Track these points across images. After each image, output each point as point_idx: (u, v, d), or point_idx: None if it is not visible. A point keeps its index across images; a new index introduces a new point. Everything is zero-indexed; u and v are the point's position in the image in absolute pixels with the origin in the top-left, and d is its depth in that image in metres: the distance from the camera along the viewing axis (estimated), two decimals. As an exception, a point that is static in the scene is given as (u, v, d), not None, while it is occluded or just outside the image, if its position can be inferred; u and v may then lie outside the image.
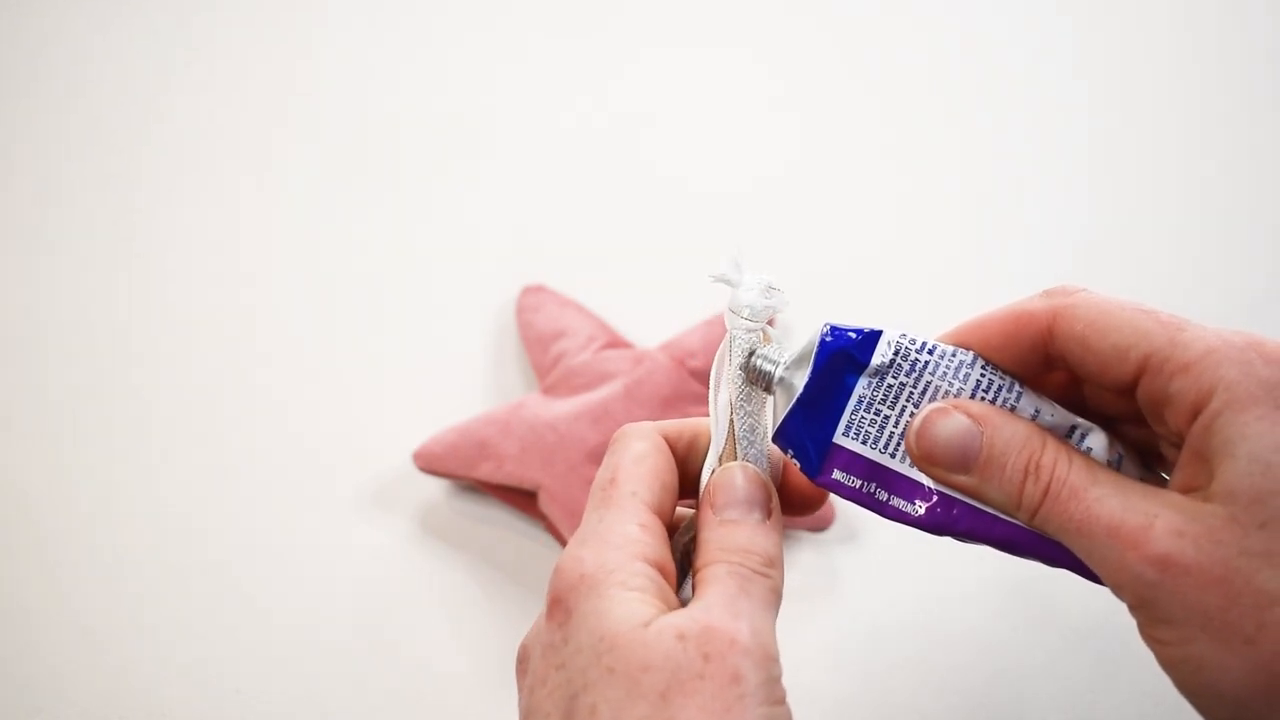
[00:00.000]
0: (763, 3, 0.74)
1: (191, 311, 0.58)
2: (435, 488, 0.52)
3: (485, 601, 0.48)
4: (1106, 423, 0.30)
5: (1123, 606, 0.27)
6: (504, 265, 0.60)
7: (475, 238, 0.62)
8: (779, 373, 0.31)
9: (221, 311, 0.58)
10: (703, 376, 0.51)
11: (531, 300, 0.57)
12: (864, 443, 0.30)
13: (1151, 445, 0.30)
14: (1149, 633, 0.27)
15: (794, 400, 0.30)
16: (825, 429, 0.30)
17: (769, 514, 0.30)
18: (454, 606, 0.48)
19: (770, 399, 0.31)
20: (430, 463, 0.50)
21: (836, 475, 0.30)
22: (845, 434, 0.30)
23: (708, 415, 0.31)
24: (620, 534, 0.28)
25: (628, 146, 0.66)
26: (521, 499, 0.50)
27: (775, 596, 0.28)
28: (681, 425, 0.32)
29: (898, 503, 0.30)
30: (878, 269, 0.61)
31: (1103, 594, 0.27)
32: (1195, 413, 0.26)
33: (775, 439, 0.31)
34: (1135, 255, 0.63)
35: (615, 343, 0.54)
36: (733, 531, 0.29)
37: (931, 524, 0.30)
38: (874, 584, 0.49)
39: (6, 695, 0.45)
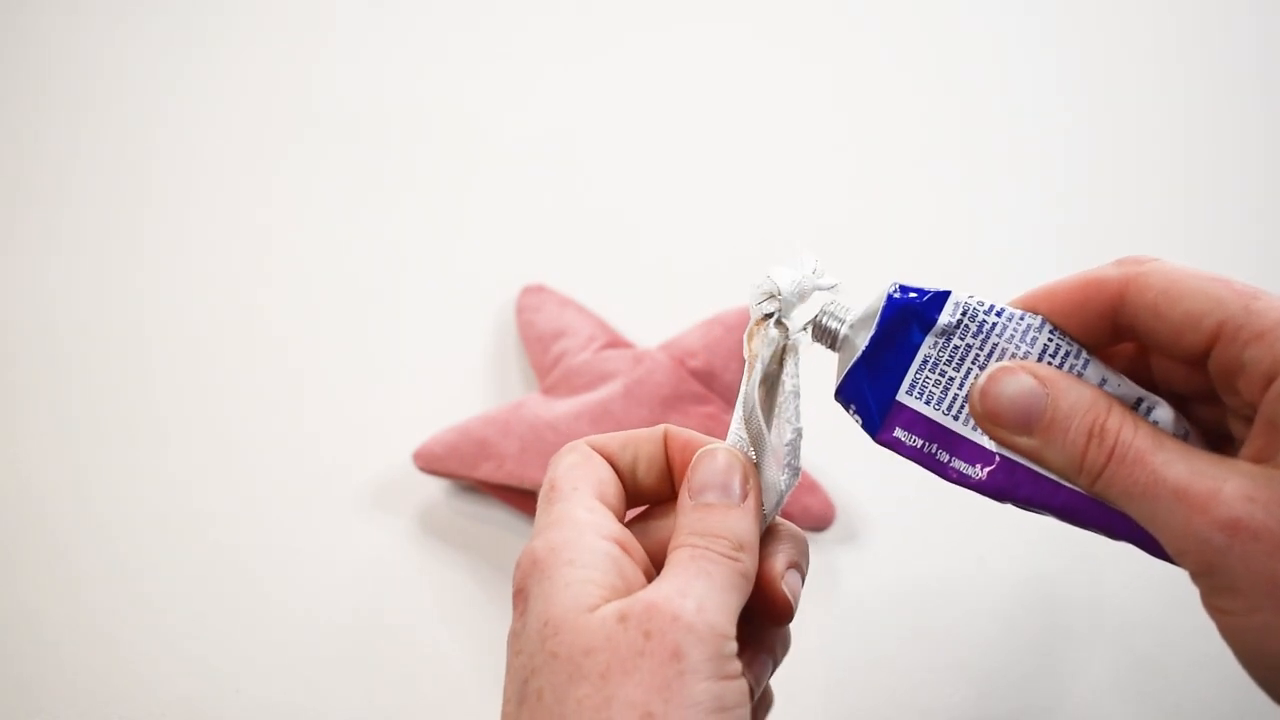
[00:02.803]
0: (763, 2, 0.74)
1: (193, 312, 0.58)
2: (435, 488, 0.52)
3: (485, 601, 0.49)
4: (1173, 400, 0.30)
5: (1124, 609, 0.27)
6: (504, 265, 0.60)
7: (475, 237, 0.62)
8: (844, 330, 0.31)
9: (223, 312, 0.58)
10: (703, 376, 0.51)
11: (531, 300, 0.57)
12: (927, 403, 0.30)
13: (1219, 425, 0.29)
14: (1211, 601, 0.26)
15: (857, 356, 0.30)
16: (889, 386, 0.30)
17: (744, 496, 0.29)
18: (454, 606, 0.48)
19: (790, 393, 0.31)
20: (430, 463, 0.50)
21: (898, 433, 0.30)
22: (909, 393, 0.30)
23: (706, 414, 0.31)
24: (567, 518, 0.28)
25: (627, 146, 0.66)
26: (521, 499, 0.50)
27: (742, 580, 0.28)
28: (624, 441, 0.31)
29: (959, 465, 0.30)
30: (879, 269, 0.61)
31: (1103, 596, 0.27)
32: (1269, 381, 0.26)
33: (836, 396, 0.31)
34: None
35: (615, 343, 0.54)
36: (705, 515, 0.29)
37: (993, 488, 0.29)
38: (874, 584, 0.49)
39: (7, 695, 0.45)
